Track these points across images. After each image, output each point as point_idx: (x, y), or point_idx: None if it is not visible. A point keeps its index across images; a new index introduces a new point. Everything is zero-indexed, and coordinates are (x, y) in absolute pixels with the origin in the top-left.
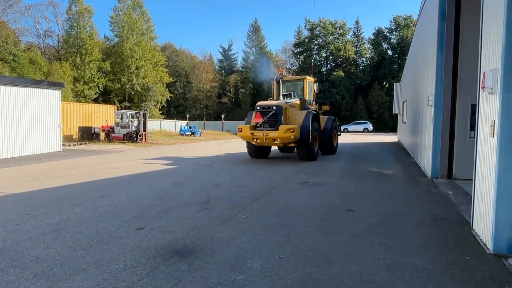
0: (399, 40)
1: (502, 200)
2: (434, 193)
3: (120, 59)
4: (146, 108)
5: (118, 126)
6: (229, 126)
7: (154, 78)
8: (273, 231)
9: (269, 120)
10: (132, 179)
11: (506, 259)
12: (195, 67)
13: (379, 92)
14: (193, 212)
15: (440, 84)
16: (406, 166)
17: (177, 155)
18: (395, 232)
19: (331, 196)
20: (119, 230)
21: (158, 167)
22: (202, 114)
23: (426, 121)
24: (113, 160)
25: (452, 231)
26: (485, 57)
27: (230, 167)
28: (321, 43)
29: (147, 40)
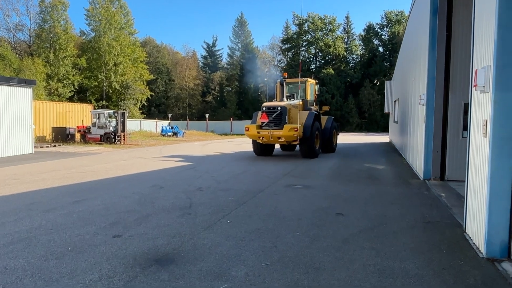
0: (391, 37)
1: (495, 202)
2: (426, 195)
3: (97, 55)
4: (125, 107)
5: (95, 127)
6: (214, 126)
7: (133, 75)
8: (259, 237)
9: (274, 119)
10: (110, 183)
11: (500, 263)
12: (177, 63)
13: (370, 90)
14: (175, 218)
15: (432, 82)
16: (398, 167)
17: (158, 157)
18: (385, 237)
19: (320, 200)
20: (94, 237)
21: (137, 170)
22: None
23: (418, 121)
24: (89, 163)
25: (444, 235)
26: (477, 54)
27: (214, 169)
28: (310, 39)
29: (126, 35)
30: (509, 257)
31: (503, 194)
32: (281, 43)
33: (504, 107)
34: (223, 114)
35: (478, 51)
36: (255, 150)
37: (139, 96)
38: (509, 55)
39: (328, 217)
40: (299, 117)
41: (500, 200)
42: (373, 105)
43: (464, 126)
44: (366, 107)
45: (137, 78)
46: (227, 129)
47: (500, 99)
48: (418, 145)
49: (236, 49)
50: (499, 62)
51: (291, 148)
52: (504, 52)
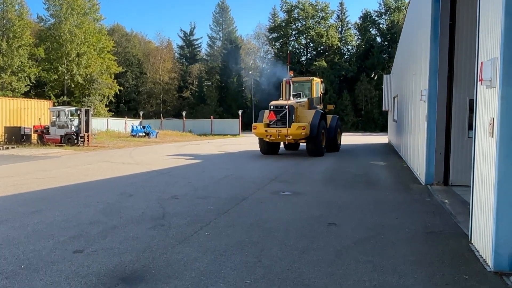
0: (389, 26)
1: (503, 209)
2: (428, 202)
3: (57, 44)
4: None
5: (54, 126)
6: (192, 125)
7: (99, 67)
8: (241, 251)
9: (281, 118)
10: (71, 190)
11: (508, 277)
12: (150, 54)
13: (367, 85)
14: (145, 230)
15: (435, 76)
16: (397, 171)
17: (127, 161)
18: (383, 249)
19: (311, 208)
20: (52, 253)
21: (103, 175)
22: (159, 111)
23: (419, 119)
24: (48, 168)
25: (448, 246)
26: (483, 46)
27: (191, 174)
28: (300, 27)
29: (90, 22)
30: None
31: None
32: (268, 32)
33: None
34: (202, 111)
35: (484, 42)
36: (261, 148)
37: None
38: None
39: (320, 227)
40: (306, 115)
41: (509, 207)
42: (370, 102)
43: (469, 125)
44: (362, 104)
45: (104, 71)
46: (206, 128)
47: (508, 95)
48: (420, 146)
49: (217, 38)
50: (507, 53)
51: (295, 147)
52: None
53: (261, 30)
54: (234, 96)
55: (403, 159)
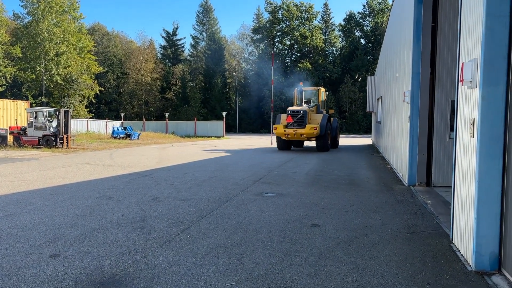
0: (373, 27)
1: (484, 209)
2: (411, 203)
3: (35, 43)
4: (69, 105)
5: (32, 127)
6: (175, 127)
7: (79, 67)
8: (223, 253)
9: (297, 120)
10: (48, 193)
11: (489, 277)
12: (131, 54)
13: (351, 87)
14: (125, 233)
15: (417, 78)
16: (381, 172)
17: (107, 163)
18: (366, 249)
19: (294, 209)
20: (26, 258)
21: (82, 177)
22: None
23: (402, 121)
24: (24, 170)
25: (430, 246)
26: (464, 46)
27: (174, 176)
28: (284, 29)
29: (70, 20)
30: (500, 270)
31: (492, 200)
32: (252, 33)
33: (492, 104)
34: (186, 113)
35: (465, 43)
36: (278, 145)
37: (85, 92)
38: (498, 46)
39: (303, 228)
40: (316, 118)
41: (490, 206)
42: (354, 104)
43: (451, 126)
44: (346, 105)
45: (84, 71)
46: (190, 130)
47: (488, 95)
48: (403, 147)
49: (200, 38)
50: (487, 54)
51: (300, 145)
52: (492, 43)
53: (245, 31)
54: (218, 97)
55: (386, 160)
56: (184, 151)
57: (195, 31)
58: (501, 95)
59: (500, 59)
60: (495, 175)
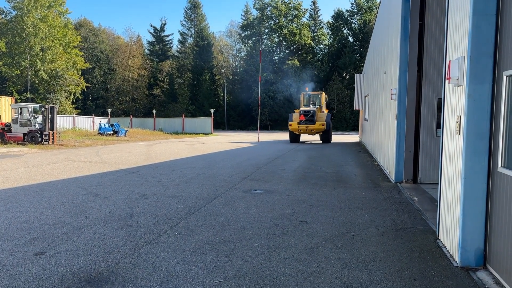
0: (361, 25)
1: (469, 206)
2: (398, 199)
3: (20, 38)
4: (55, 101)
5: (17, 124)
6: (163, 124)
7: (65, 63)
8: (211, 250)
9: (308, 118)
10: (34, 190)
11: (475, 272)
12: (118, 50)
13: (339, 84)
14: (112, 230)
15: (404, 75)
16: (368, 169)
17: (94, 160)
18: (353, 246)
19: (282, 206)
20: (11, 256)
21: (69, 174)
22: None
23: (390, 118)
24: (9, 167)
25: (416, 242)
26: (451, 45)
27: (162, 173)
28: (272, 25)
29: (56, 15)
30: (485, 266)
31: (478, 196)
32: (240, 30)
33: (478, 101)
34: (173, 110)
35: (452, 41)
36: (290, 139)
37: (72, 88)
38: (485, 44)
39: (291, 225)
40: (322, 116)
41: (475, 203)
42: (342, 101)
43: (438, 123)
44: (334, 103)
45: (70, 67)
46: (178, 127)
47: (474, 93)
48: (390, 144)
49: (188, 35)
50: (474, 52)
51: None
52: (479, 41)
53: (233, 28)
54: (207, 94)
55: (373, 158)
56: (172, 148)
57: (183, 27)
58: (487, 93)
59: (486, 57)
60: (481, 172)
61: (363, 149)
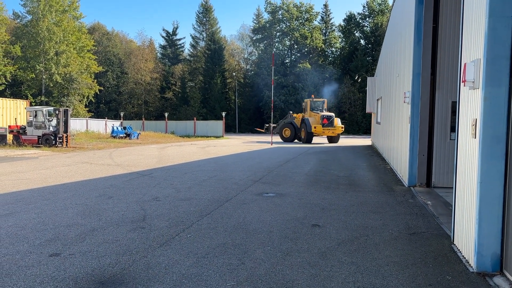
0: (373, 28)
1: (486, 210)
2: (411, 203)
3: (35, 42)
4: (69, 104)
5: (31, 127)
6: (175, 127)
7: (79, 66)
8: (224, 253)
9: (330, 122)
10: (48, 192)
11: (491, 278)
12: (131, 54)
13: (351, 88)
14: (125, 233)
15: (418, 78)
16: (381, 173)
17: (107, 162)
18: (367, 250)
19: (294, 209)
20: (26, 257)
21: (82, 177)
22: (141, 113)
23: (403, 121)
24: (23, 169)
25: (431, 247)
26: (466, 47)
27: (174, 176)
28: (284, 29)
29: (70, 19)
30: (502, 271)
31: (494, 200)
32: (252, 33)
33: (495, 104)
34: (185, 113)
35: (468, 43)
36: (307, 140)
37: (85, 91)
38: (501, 46)
39: (303, 228)
40: (337, 120)
41: (491, 207)
42: (354, 104)
43: (452, 127)
44: (346, 106)
45: (83, 70)
46: (190, 130)
47: (490, 96)
48: (403, 148)
49: (200, 38)
50: (490, 54)
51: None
52: (495, 44)
53: (245, 31)
54: (218, 97)
55: (386, 161)
56: (184, 151)
57: (195, 31)
58: (504, 95)
59: (503, 60)
60: (497, 176)
61: (375, 152)
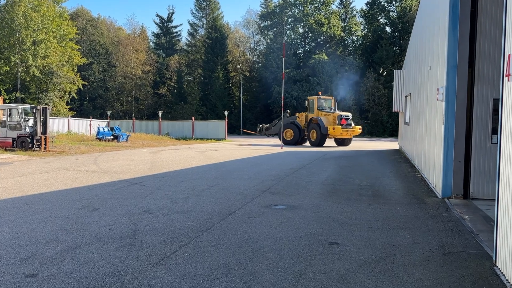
0: (401, 13)
1: None
2: (446, 218)
3: (9, 30)
4: (48, 101)
5: (5, 127)
6: (170, 127)
7: (59, 58)
8: (227, 275)
9: (348, 123)
10: (24, 203)
11: None
12: (120, 43)
13: (375, 82)
14: (112, 250)
15: (453, 72)
16: (410, 182)
17: (91, 169)
18: (393, 272)
19: (309, 224)
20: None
21: (63, 185)
22: (131, 111)
23: (435, 122)
24: None
25: (469, 269)
26: (510, 36)
27: (168, 184)
28: (297, 14)
29: (49, 4)
30: None
31: None
32: (259, 19)
33: None
34: (182, 112)
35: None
36: (319, 142)
37: (67, 86)
38: None
39: (320, 247)
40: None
41: None
42: (378, 102)
43: (493, 128)
44: (369, 104)
45: (65, 62)
46: (187, 132)
47: None
48: (435, 153)
49: (199, 25)
50: None
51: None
52: None
53: (251, 17)
54: (220, 93)
55: (416, 168)
56: (180, 156)
57: (194, 17)
58: None
59: None
60: None
61: (403, 157)
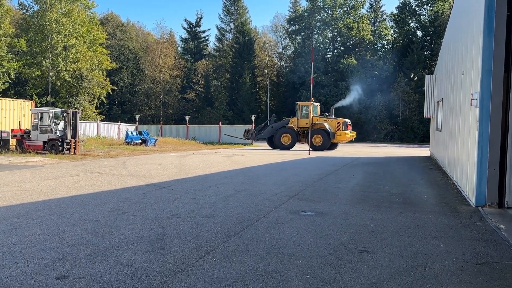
0: (432, 17)
1: None
2: (480, 227)
3: (42, 36)
4: (78, 105)
5: (36, 130)
6: (197, 132)
7: (89, 62)
8: (255, 281)
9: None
10: (54, 206)
11: None
12: (148, 48)
13: (405, 87)
14: (141, 254)
15: (488, 77)
16: (442, 189)
17: (120, 172)
18: (425, 282)
19: (338, 231)
20: (31, 279)
21: (92, 189)
22: (158, 116)
23: (469, 128)
24: (27, 179)
25: (505, 281)
26: None
27: (196, 189)
28: (325, 18)
29: (80, 9)
30: None
31: None
32: (287, 24)
33: None
34: (209, 116)
35: None
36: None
37: (96, 90)
38: None
39: (349, 254)
40: None
41: None
42: (408, 107)
43: None
44: (399, 109)
45: (94, 67)
46: (214, 136)
47: None
48: (469, 160)
49: (227, 30)
50: None
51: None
52: None
53: (279, 22)
54: (247, 98)
55: (448, 176)
56: (207, 160)
57: (222, 22)
58: None
59: None
60: None
61: (435, 164)
